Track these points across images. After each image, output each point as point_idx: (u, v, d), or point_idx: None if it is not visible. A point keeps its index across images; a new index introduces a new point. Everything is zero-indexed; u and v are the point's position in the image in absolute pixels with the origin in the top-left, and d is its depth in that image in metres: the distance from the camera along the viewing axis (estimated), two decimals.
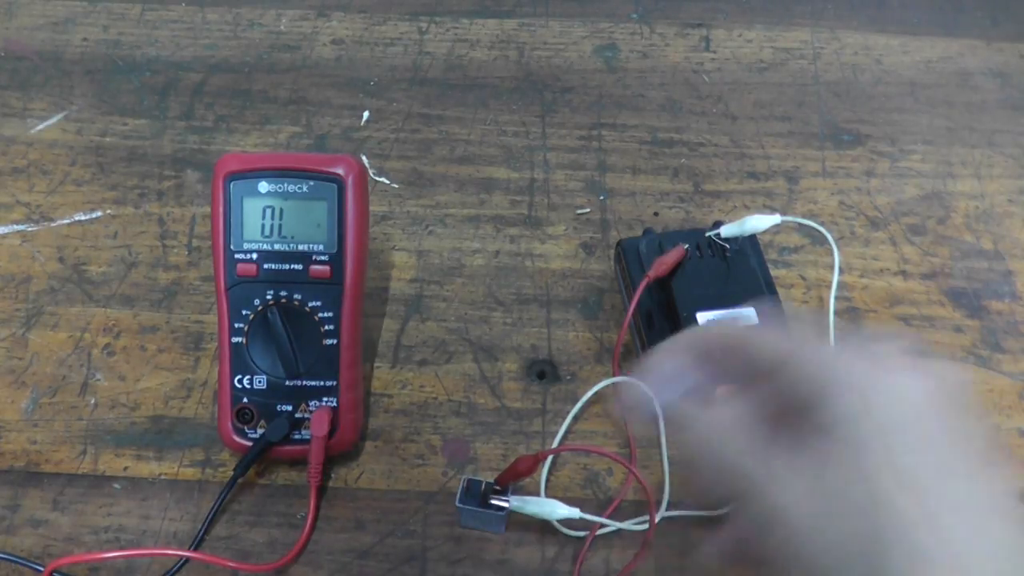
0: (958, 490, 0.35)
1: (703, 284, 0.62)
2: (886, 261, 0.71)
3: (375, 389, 0.64)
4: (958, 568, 0.33)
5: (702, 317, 0.60)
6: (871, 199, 0.74)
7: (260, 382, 0.59)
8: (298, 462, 0.60)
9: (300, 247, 0.58)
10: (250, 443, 0.59)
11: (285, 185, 0.57)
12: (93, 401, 0.63)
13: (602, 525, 0.58)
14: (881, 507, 0.34)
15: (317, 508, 0.58)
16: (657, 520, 0.58)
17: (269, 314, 0.58)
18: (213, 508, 0.58)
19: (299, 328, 0.58)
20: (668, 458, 0.61)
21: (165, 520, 0.59)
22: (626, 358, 0.66)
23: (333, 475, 0.61)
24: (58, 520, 0.58)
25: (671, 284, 0.62)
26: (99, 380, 0.64)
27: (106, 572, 0.57)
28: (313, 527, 0.58)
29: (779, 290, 0.64)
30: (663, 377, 0.42)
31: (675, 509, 0.59)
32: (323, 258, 0.58)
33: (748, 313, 0.60)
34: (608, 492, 0.60)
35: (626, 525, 0.58)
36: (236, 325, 0.58)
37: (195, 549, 0.57)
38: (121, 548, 0.57)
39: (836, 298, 0.66)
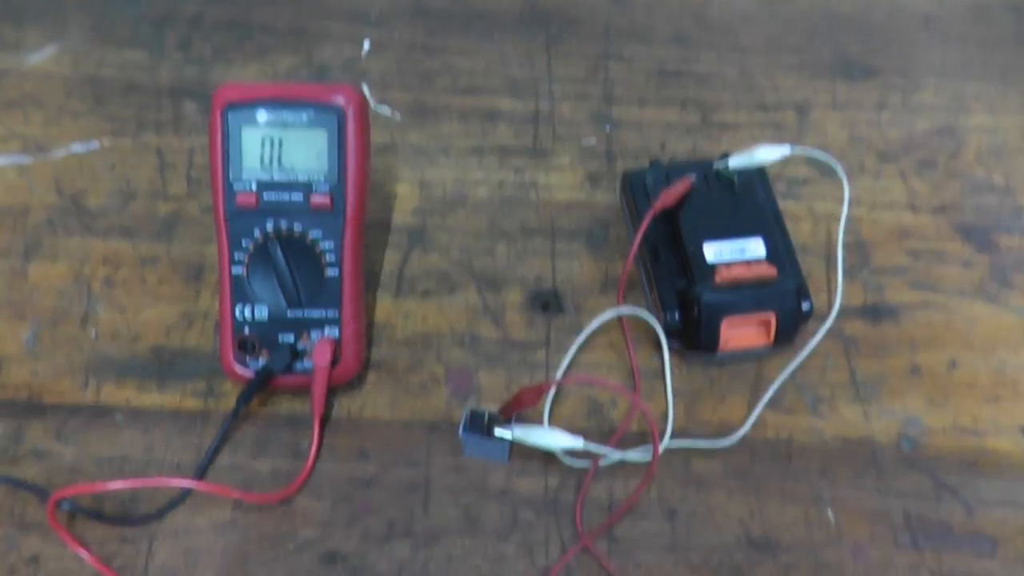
0: None
1: (710, 216, 0.61)
2: (896, 195, 0.70)
3: (377, 320, 0.64)
4: None
5: (709, 248, 0.60)
6: (882, 132, 0.74)
7: (261, 313, 0.59)
8: (301, 393, 0.60)
9: (300, 177, 0.58)
10: (252, 374, 0.59)
11: (284, 115, 0.57)
12: (94, 332, 0.64)
13: (606, 455, 0.58)
14: None
15: (320, 438, 0.59)
16: (661, 450, 0.58)
17: (269, 245, 0.58)
18: (216, 439, 0.58)
19: (300, 259, 0.58)
20: (672, 388, 0.61)
21: (168, 451, 0.59)
22: (631, 290, 0.66)
23: (336, 406, 0.61)
24: (61, 451, 0.59)
25: (677, 216, 0.62)
26: (100, 312, 0.65)
27: (110, 502, 0.57)
28: (317, 457, 0.58)
29: (787, 223, 0.64)
30: None
31: (679, 439, 0.60)
32: (324, 189, 0.58)
33: (756, 245, 0.60)
34: (612, 423, 0.61)
35: (630, 455, 0.58)
36: (236, 256, 0.58)
37: (199, 479, 0.58)
38: (125, 478, 0.57)
39: (844, 231, 0.66)
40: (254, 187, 0.58)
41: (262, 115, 0.57)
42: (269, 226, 0.58)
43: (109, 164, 0.71)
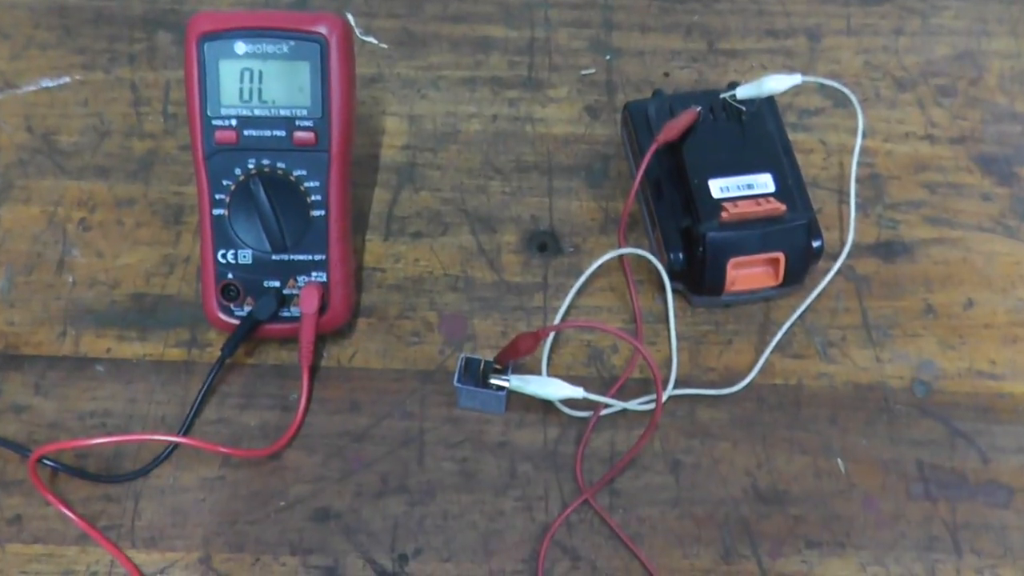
0: None
1: (716, 149, 0.60)
2: (912, 125, 0.69)
3: (367, 264, 0.64)
4: None
5: (714, 184, 0.59)
6: (899, 58, 0.72)
7: (245, 257, 0.58)
8: (288, 341, 0.60)
9: (282, 112, 0.57)
10: (237, 321, 0.58)
11: (264, 46, 0.56)
12: (71, 279, 0.63)
13: (607, 405, 0.57)
14: None
15: (310, 389, 0.58)
16: (664, 399, 0.58)
17: (251, 184, 0.57)
18: (201, 390, 0.58)
19: (284, 199, 0.57)
20: (675, 333, 0.61)
21: (152, 404, 0.58)
22: (633, 228, 0.65)
23: (325, 354, 0.60)
24: (41, 405, 0.58)
25: (682, 149, 0.61)
26: (76, 257, 0.63)
27: (93, 459, 0.57)
28: (306, 409, 0.58)
29: (798, 155, 0.63)
30: None
31: (683, 387, 0.59)
32: (307, 124, 0.57)
33: (764, 179, 0.60)
34: (613, 370, 0.60)
35: (631, 405, 0.58)
36: (217, 197, 0.57)
37: (184, 434, 0.57)
38: (108, 434, 0.57)
39: (858, 164, 0.64)
40: (234, 123, 0.57)
41: (240, 46, 0.56)
42: (251, 164, 0.57)
43: (81, 100, 0.69)
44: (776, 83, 0.60)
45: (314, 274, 0.58)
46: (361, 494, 0.56)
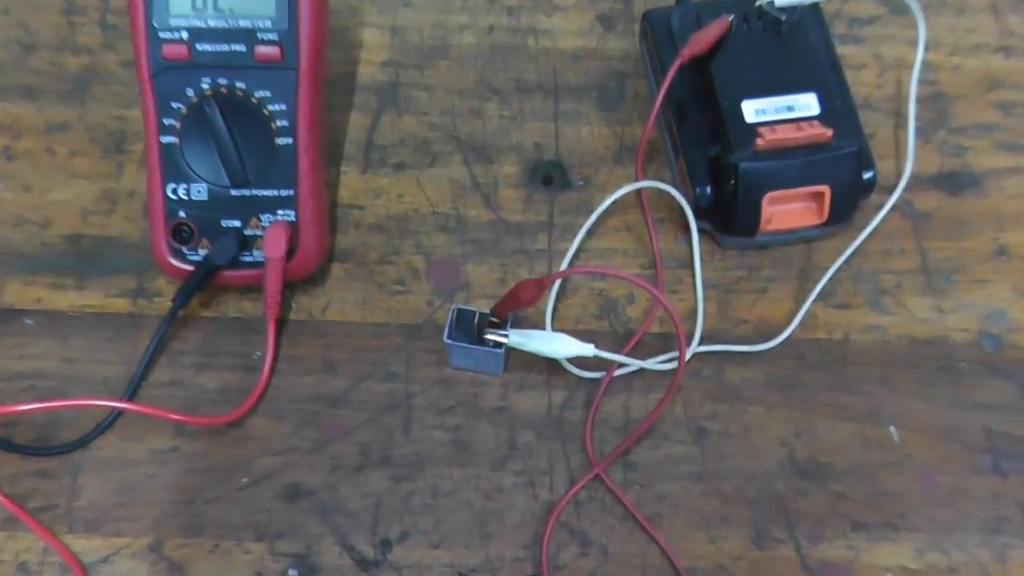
0: None
1: (751, 65, 0.60)
2: (984, 34, 0.68)
3: (342, 200, 0.63)
4: None
5: (748, 107, 0.59)
6: None
7: (200, 192, 0.58)
8: (251, 290, 0.60)
9: (241, 23, 0.57)
10: (191, 267, 0.58)
11: None
12: None
13: (621, 364, 0.57)
14: None
15: (277, 347, 0.58)
16: (688, 357, 0.58)
17: (206, 107, 0.57)
18: (150, 348, 0.58)
19: (245, 124, 0.57)
20: (702, 280, 0.60)
21: (92, 363, 0.58)
22: (652, 158, 0.64)
23: (295, 306, 0.60)
24: None
25: (711, 66, 0.61)
26: (0, 192, 0.63)
27: (25, 427, 0.57)
28: (272, 370, 0.58)
29: (847, 72, 0.63)
30: None
31: (710, 343, 0.59)
32: (271, 36, 0.57)
33: (807, 100, 0.59)
34: (628, 324, 0.60)
35: (650, 364, 0.57)
36: (166, 122, 0.57)
37: (130, 399, 0.57)
38: (40, 399, 0.56)
39: (919, 81, 0.64)
40: (185, 35, 0.57)
41: None
42: (205, 84, 0.57)
43: (1, 7, 0.68)
44: None
45: (280, 212, 0.58)
46: (338, 468, 0.56)
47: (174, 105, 0.57)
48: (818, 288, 0.60)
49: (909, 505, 0.55)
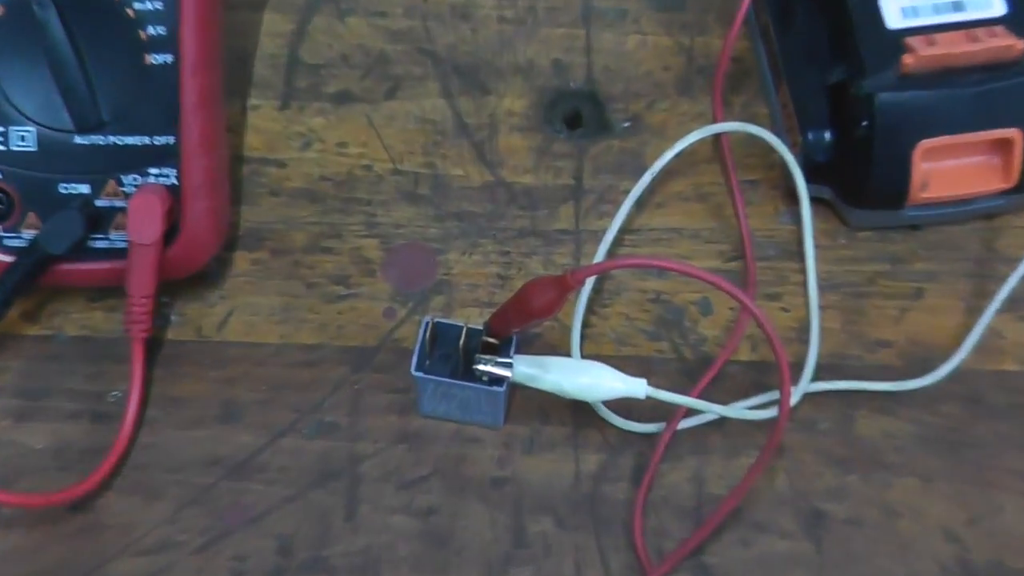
0: None
1: None
2: None
3: (251, 152, 0.59)
4: None
5: (891, 3, 0.53)
6: None
7: (25, 140, 0.53)
8: (106, 293, 0.56)
9: None
10: (11, 258, 0.53)
11: None
12: None
13: (691, 411, 0.52)
14: None
15: (146, 383, 0.53)
16: (796, 400, 0.52)
17: (37, 8, 0.52)
18: None
19: (97, 33, 0.53)
20: (816, 279, 0.54)
21: None
22: (739, 86, 0.59)
23: (177, 318, 0.55)
24: None
25: None
26: None
27: None
28: (139, 419, 0.52)
29: None
30: None
31: (831, 377, 0.53)
32: None
33: None
34: (702, 347, 0.54)
35: (736, 411, 0.52)
36: None
37: None
38: None
39: None
40: None
41: None
42: None
43: None
44: None
45: (154, 171, 0.53)
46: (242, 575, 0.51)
47: None
48: (1004, 292, 0.54)
49: None
